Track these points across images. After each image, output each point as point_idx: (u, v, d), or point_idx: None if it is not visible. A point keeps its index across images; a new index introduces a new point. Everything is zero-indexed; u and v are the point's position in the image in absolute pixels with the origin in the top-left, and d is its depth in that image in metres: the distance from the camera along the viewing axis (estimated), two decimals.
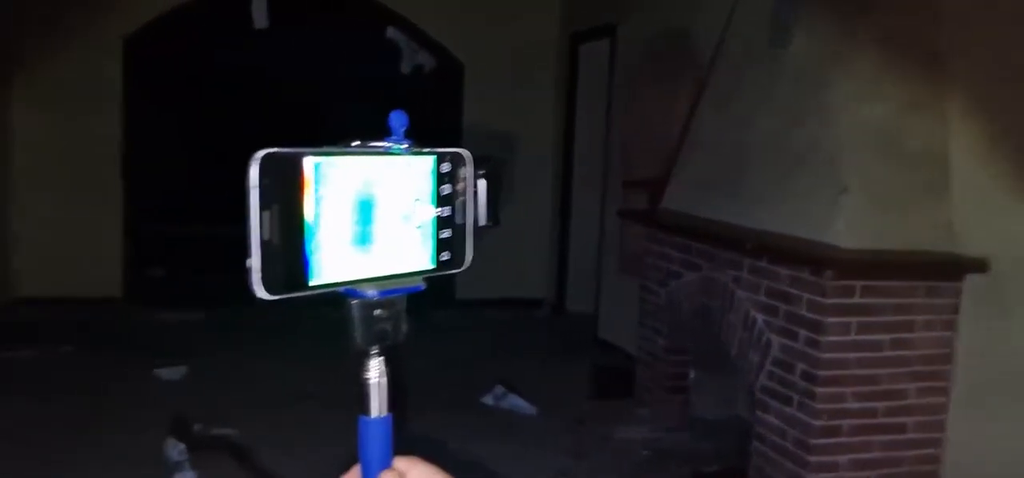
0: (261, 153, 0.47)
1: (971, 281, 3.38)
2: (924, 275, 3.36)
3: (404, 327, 0.57)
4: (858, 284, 3.29)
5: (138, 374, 5.14)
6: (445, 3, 6.86)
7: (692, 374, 4.58)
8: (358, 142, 0.54)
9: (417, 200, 0.56)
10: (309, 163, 0.49)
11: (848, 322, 3.32)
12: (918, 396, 3.46)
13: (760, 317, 3.65)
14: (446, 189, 0.58)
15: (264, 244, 0.47)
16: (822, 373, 3.33)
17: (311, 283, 0.50)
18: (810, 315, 3.36)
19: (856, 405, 3.39)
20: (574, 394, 5.23)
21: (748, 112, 4.05)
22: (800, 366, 3.42)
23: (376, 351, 0.56)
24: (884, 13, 3.54)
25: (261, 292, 0.48)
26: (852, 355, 3.35)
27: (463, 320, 6.97)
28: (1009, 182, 3.27)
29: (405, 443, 0.59)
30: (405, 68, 6.92)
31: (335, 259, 0.50)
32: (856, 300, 3.31)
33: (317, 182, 0.49)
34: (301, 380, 5.21)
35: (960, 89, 3.47)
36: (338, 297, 0.53)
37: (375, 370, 0.56)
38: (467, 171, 0.59)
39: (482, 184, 0.59)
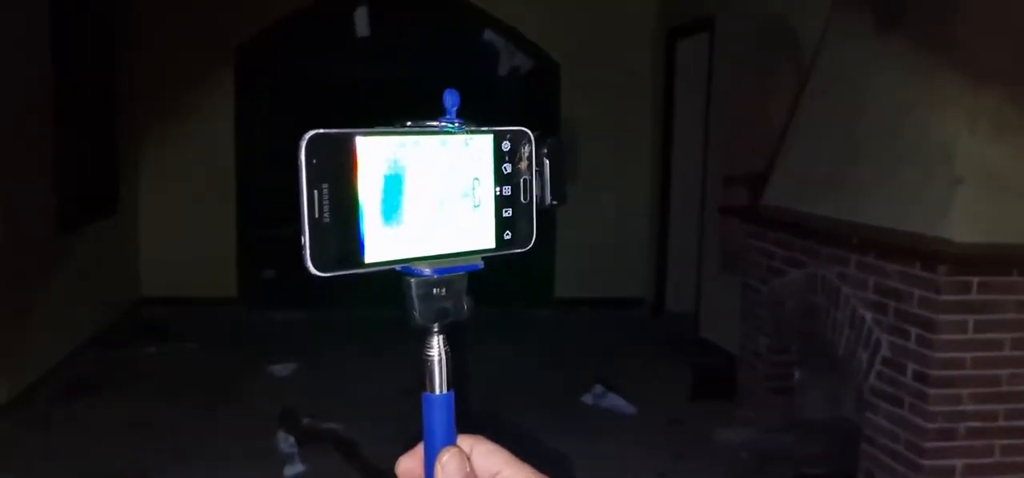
0: (309, 134, 0.49)
1: None
2: None
3: (465, 305, 0.56)
4: (975, 280, 3.13)
5: (252, 370, 5.38)
6: (541, 4, 6.89)
7: (797, 374, 4.46)
8: (411, 122, 0.54)
9: (476, 179, 0.55)
10: (361, 143, 0.51)
11: (964, 320, 3.16)
12: None
13: (868, 315, 3.52)
14: (507, 168, 0.56)
15: (313, 223, 0.49)
16: (935, 373, 3.18)
17: (366, 261, 0.51)
18: (922, 313, 3.21)
19: (973, 408, 3.23)
20: (674, 394, 5.16)
21: (853, 101, 3.91)
22: (911, 366, 3.28)
23: (437, 329, 0.56)
24: None
25: (312, 269, 0.49)
26: (969, 355, 3.19)
27: (562, 319, 6.99)
28: None
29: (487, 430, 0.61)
30: (502, 70, 6.99)
31: (389, 238, 0.51)
32: (973, 297, 3.15)
33: (368, 163, 0.51)
34: (406, 377, 5.34)
35: None
36: (395, 275, 0.54)
37: (436, 348, 0.56)
38: (530, 150, 0.57)
39: (546, 163, 0.58)
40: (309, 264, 0.49)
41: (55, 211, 5.07)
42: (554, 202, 0.58)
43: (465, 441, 0.56)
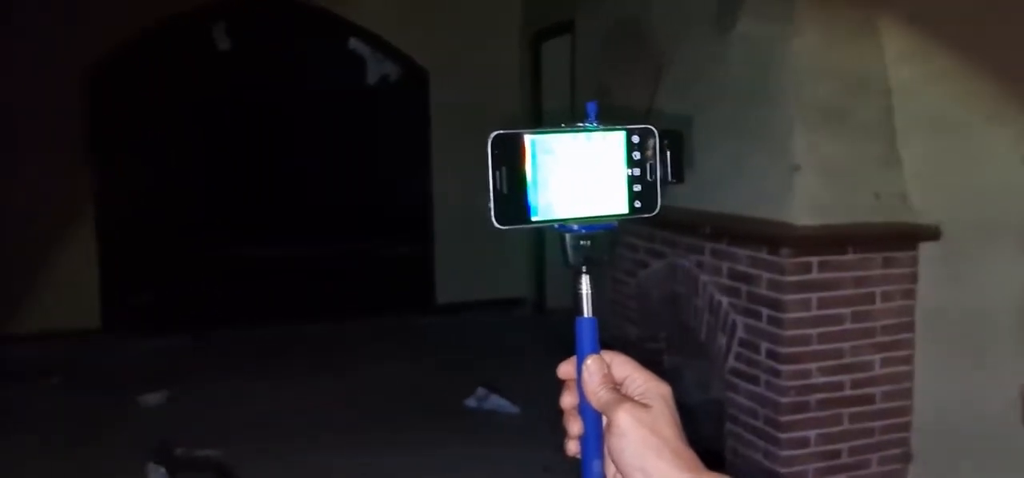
0: (493, 134, 0.68)
1: (926, 249, 3.43)
2: (880, 246, 3.40)
3: (606, 254, 0.74)
4: (815, 260, 3.33)
5: (120, 402, 5.14)
6: (407, 12, 6.89)
7: (666, 361, 4.62)
8: (564, 124, 0.72)
9: (613, 162, 0.73)
10: (527, 139, 0.70)
11: (808, 298, 3.36)
12: (883, 366, 3.50)
13: (724, 300, 3.70)
14: (636, 155, 0.73)
15: (497, 193, 0.68)
16: (786, 350, 3.37)
17: (532, 219, 0.70)
18: (771, 294, 3.40)
19: (822, 380, 3.43)
20: (556, 389, 5.24)
21: (703, 97, 4.09)
22: (765, 345, 3.46)
23: (585, 270, 0.74)
24: None
25: (496, 224, 0.69)
26: (814, 331, 3.38)
27: (444, 324, 7.00)
28: (956, 150, 3.32)
29: None
30: (370, 78, 6.95)
31: (548, 204, 0.70)
32: (814, 276, 3.35)
33: (533, 152, 0.69)
34: (286, 400, 5.23)
35: (905, 64, 3.52)
36: (553, 230, 0.72)
37: (585, 285, 0.74)
38: (654, 142, 0.74)
39: (668, 152, 0.74)
40: (494, 221, 0.69)
41: None
42: (673, 180, 0.75)
43: (606, 354, 0.75)
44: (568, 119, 0.73)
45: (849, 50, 3.57)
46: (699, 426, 4.38)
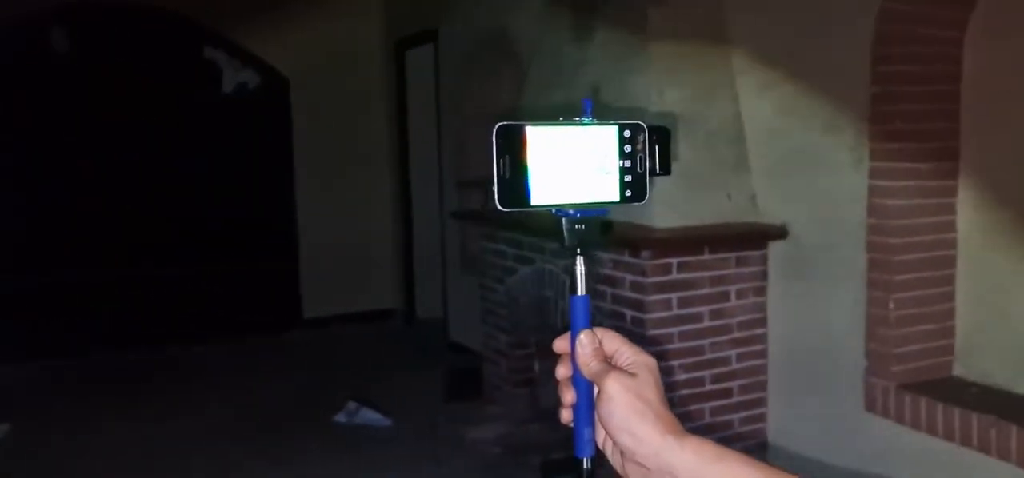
0: (498, 124, 0.74)
1: (775, 248, 3.61)
2: (733, 246, 3.57)
3: (599, 238, 0.80)
4: (674, 261, 3.45)
5: None
6: (265, 19, 6.66)
7: (537, 366, 4.67)
8: (561, 118, 0.77)
9: (606, 154, 0.78)
10: (528, 130, 0.75)
11: (669, 298, 3.48)
12: (739, 361, 3.67)
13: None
14: (627, 148, 0.79)
15: (500, 178, 0.74)
16: (650, 350, 3.45)
17: (531, 203, 0.76)
18: (634, 295, 3.49)
19: (685, 376, 3.56)
20: (428, 400, 5.22)
21: (565, 101, 4.16)
22: None
23: (579, 251, 0.79)
24: (675, 4, 3.72)
25: (499, 207, 0.75)
26: (676, 329, 3.51)
27: (313, 339, 6.83)
28: (797, 155, 3.52)
29: None
30: (227, 87, 6.68)
31: (547, 190, 0.76)
32: (674, 276, 3.47)
33: (533, 142, 0.75)
34: (142, 429, 4.95)
35: (748, 72, 3.70)
36: (551, 215, 0.78)
37: (579, 265, 0.80)
38: (643, 136, 0.79)
39: (656, 146, 0.80)
40: (498, 204, 0.75)
41: None
42: (661, 172, 0.81)
43: (598, 330, 0.80)
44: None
45: (699, 59, 3.72)
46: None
